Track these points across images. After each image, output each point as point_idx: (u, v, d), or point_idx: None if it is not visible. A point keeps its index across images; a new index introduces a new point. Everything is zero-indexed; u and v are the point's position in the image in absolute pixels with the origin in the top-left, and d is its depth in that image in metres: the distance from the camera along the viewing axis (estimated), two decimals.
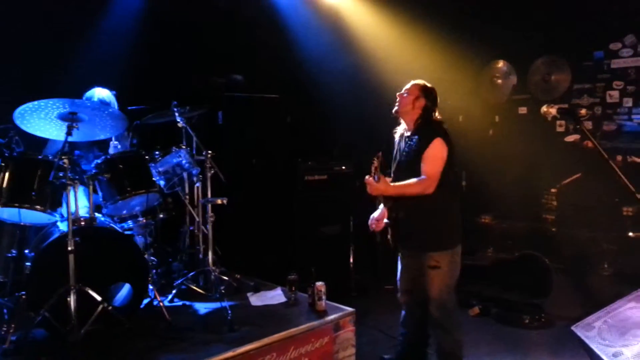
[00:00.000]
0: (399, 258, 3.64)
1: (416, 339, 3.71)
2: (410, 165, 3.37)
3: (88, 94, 4.00)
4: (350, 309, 3.56)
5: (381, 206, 3.59)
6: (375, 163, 3.30)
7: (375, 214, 3.62)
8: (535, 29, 5.95)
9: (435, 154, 3.30)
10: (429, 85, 3.53)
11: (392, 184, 3.36)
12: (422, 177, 3.29)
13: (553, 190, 5.56)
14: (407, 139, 3.48)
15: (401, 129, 3.61)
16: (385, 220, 3.51)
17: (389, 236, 3.54)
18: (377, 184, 3.30)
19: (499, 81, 6.35)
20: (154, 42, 4.97)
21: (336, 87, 5.88)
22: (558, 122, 6.00)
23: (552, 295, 4.75)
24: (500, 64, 6.36)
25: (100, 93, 4.03)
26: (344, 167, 5.58)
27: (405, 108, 3.48)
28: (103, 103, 3.96)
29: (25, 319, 3.11)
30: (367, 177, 3.35)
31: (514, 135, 6.17)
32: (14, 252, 3.42)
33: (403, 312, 3.71)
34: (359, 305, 3.82)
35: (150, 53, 4.94)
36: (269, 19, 5.65)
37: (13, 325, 3.07)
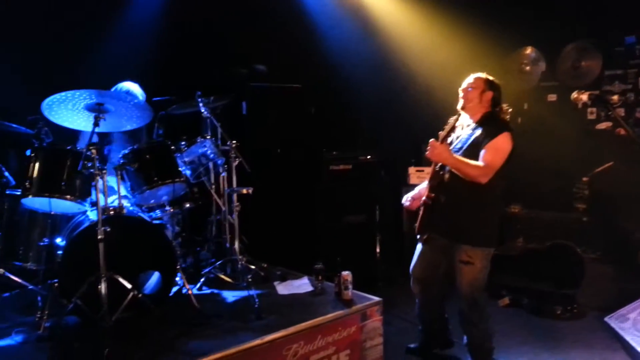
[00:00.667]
0: (418, 244, 3.57)
1: (436, 326, 3.72)
2: (469, 153, 3.28)
3: (118, 86, 4.04)
4: (377, 298, 3.54)
5: (423, 184, 3.51)
6: (451, 124, 3.25)
7: (414, 192, 3.56)
8: (565, 13, 5.79)
9: (500, 146, 3.22)
10: (492, 78, 3.44)
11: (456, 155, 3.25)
12: (481, 163, 3.20)
13: (585, 179, 5.43)
14: (470, 130, 3.37)
15: (463, 122, 3.50)
16: (423, 198, 3.43)
17: (419, 218, 3.46)
18: (440, 147, 3.23)
19: (528, 68, 6.19)
20: (178, 33, 5.00)
21: (360, 76, 5.84)
22: (589, 110, 5.83)
23: (584, 285, 4.66)
24: (529, 50, 6.20)
25: (131, 86, 4.08)
26: (369, 157, 5.53)
27: (472, 103, 3.38)
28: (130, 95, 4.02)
29: (58, 306, 3.19)
30: (432, 140, 3.27)
31: (543, 123, 6.02)
32: (46, 240, 3.49)
33: (417, 303, 3.69)
34: (386, 294, 3.80)
35: (174, 44, 4.97)
36: (292, 8, 5.63)
37: (46, 312, 3.14)
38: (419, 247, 3.58)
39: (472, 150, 3.27)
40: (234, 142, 3.99)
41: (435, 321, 3.72)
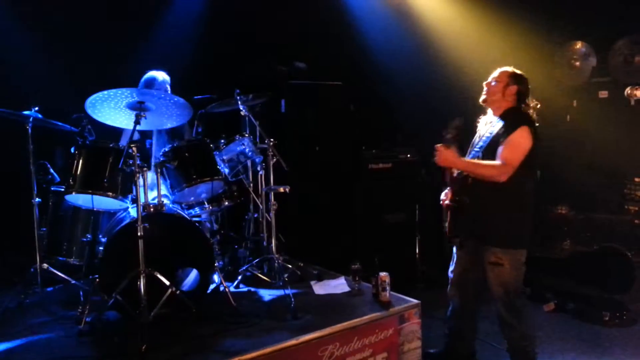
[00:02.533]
0: (453, 248, 3.50)
1: (464, 332, 3.61)
2: (489, 150, 3.17)
3: (149, 75, 4.08)
4: (415, 301, 3.47)
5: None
6: (453, 130, 3.16)
7: (447, 190, 3.48)
8: (616, 6, 5.53)
9: (519, 141, 3.09)
10: (518, 72, 3.32)
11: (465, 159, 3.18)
12: (498, 161, 3.10)
13: (637, 179, 5.21)
14: (491, 126, 3.27)
15: (486, 119, 3.41)
16: (447, 202, 3.36)
17: (446, 223, 3.38)
18: (446, 152, 3.16)
19: (577, 63, 5.95)
20: (219, 32, 5.05)
21: (400, 73, 5.75)
22: None
23: (634, 291, 4.47)
24: (579, 45, 5.96)
25: (162, 75, 4.13)
26: (409, 155, 5.44)
27: (495, 97, 3.29)
28: (168, 84, 4.07)
29: (99, 301, 3.24)
30: (438, 145, 3.20)
31: (593, 120, 5.78)
32: (88, 236, 3.58)
33: (450, 306, 3.59)
34: (426, 297, 3.71)
35: (214, 42, 5.02)
36: (333, 5, 5.59)
37: (88, 307, 3.21)
38: (454, 251, 3.51)
39: (493, 146, 3.17)
40: (272, 140, 3.98)
41: (464, 328, 3.60)
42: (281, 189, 3.97)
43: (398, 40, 5.82)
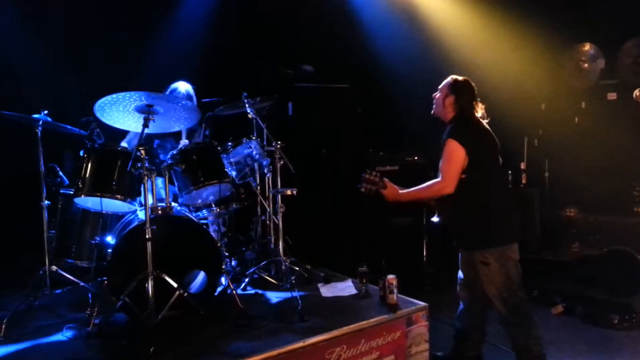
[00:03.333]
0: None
1: (472, 334, 3.61)
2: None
3: (173, 86, 4.15)
4: (423, 304, 3.45)
5: None
6: (370, 177, 3.35)
7: None
8: (625, 8, 5.50)
9: (449, 153, 3.25)
10: (460, 79, 3.43)
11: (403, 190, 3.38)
12: (437, 178, 3.28)
13: None
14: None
15: None
16: (434, 219, 3.51)
17: None
18: (386, 192, 3.36)
19: (586, 65, 5.93)
20: (226, 36, 5.06)
21: (407, 76, 5.74)
22: None
23: None
24: (587, 46, 5.93)
25: (184, 86, 4.19)
26: (416, 158, 5.44)
27: (438, 109, 3.46)
28: (189, 95, 4.11)
29: (108, 303, 3.25)
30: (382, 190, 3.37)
31: (602, 122, 5.75)
32: (97, 239, 3.60)
33: (460, 306, 3.62)
34: (433, 299, 3.70)
35: (222, 46, 5.04)
36: (340, 8, 5.60)
37: (96, 309, 3.22)
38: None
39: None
40: (279, 142, 3.99)
41: (472, 330, 3.60)
42: (288, 192, 3.98)
43: (405, 43, 5.82)
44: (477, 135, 3.32)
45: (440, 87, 3.47)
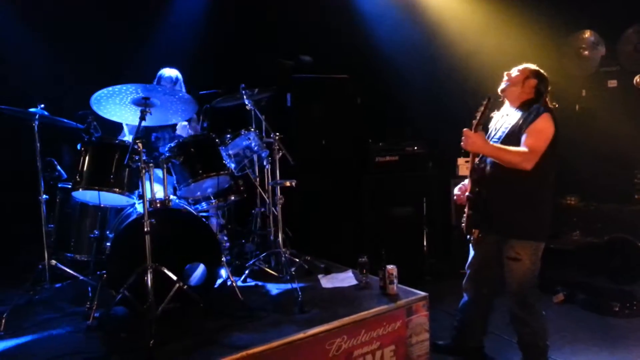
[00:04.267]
0: (470, 243, 3.45)
1: (475, 326, 3.59)
2: (508, 141, 3.12)
3: (159, 73, 4.14)
4: (423, 293, 3.45)
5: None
6: (482, 109, 3.06)
7: (462, 184, 3.44)
8: None
9: (542, 128, 3.05)
10: (542, 71, 3.30)
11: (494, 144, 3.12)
12: (524, 148, 3.04)
13: None
14: (508, 117, 3.23)
15: (502, 112, 3.37)
16: (467, 194, 3.29)
17: (464, 215, 3.34)
18: (474, 136, 3.08)
19: (586, 52, 5.88)
20: (223, 26, 5.03)
21: (407, 66, 5.71)
22: None
23: None
24: (587, 34, 5.88)
25: (170, 72, 4.16)
26: (416, 148, 5.42)
27: (514, 87, 3.25)
28: (173, 81, 4.09)
29: (107, 296, 3.25)
30: (465, 129, 3.13)
31: (602, 110, 5.71)
32: (96, 232, 3.60)
33: (465, 298, 3.57)
34: (433, 289, 3.69)
35: (219, 37, 5.01)
36: None
37: (96, 303, 3.22)
38: (472, 246, 3.45)
39: (512, 137, 3.13)
40: (277, 134, 3.97)
41: (474, 323, 3.58)
42: (287, 183, 3.96)
43: (404, 32, 5.78)
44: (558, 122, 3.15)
45: (518, 68, 3.30)
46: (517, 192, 3.14)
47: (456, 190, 3.46)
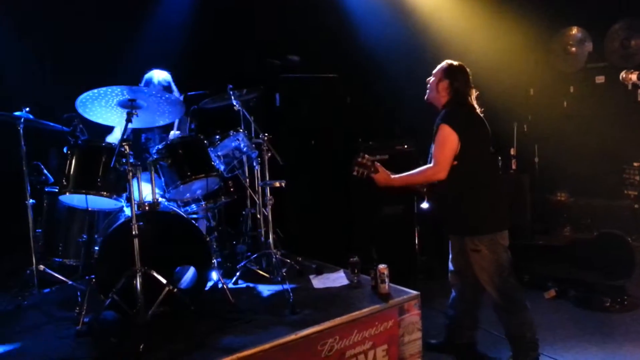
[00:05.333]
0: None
1: (464, 321, 3.63)
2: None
3: (147, 76, 4.07)
4: (414, 292, 3.44)
5: None
6: (362, 161, 3.30)
7: None
8: None
9: (443, 139, 3.23)
10: (455, 63, 3.40)
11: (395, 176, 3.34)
12: (429, 164, 3.27)
13: (636, 164, 5.19)
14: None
15: None
16: (424, 205, 3.48)
17: None
18: (378, 176, 3.32)
19: (573, 49, 5.92)
20: (210, 26, 5.00)
21: (396, 64, 5.71)
22: (639, 91, 5.52)
23: (634, 276, 4.43)
24: (574, 30, 5.92)
25: (160, 75, 4.10)
26: (406, 146, 5.40)
27: (431, 93, 3.43)
28: (163, 86, 4.05)
29: (96, 301, 3.22)
30: (373, 174, 3.34)
31: (591, 106, 5.76)
32: (84, 236, 3.56)
33: (453, 294, 3.64)
34: (426, 287, 3.71)
35: (206, 38, 4.98)
36: None
37: (85, 308, 3.19)
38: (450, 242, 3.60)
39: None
40: (266, 134, 3.96)
41: (464, 317, 3.61)
42: (277, 184, 3.94)
43: (394, 30, 5.78)
44: (470, 122, 3.30)
45: (434, 71, 3.44)
46: (453, 196, 3.32)
47: None
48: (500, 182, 3.61)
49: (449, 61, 3.42)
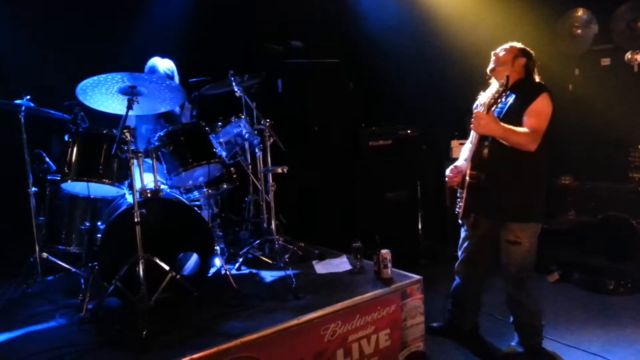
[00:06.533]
0: (463, 226, 3.44)
1: (467, 307, 3.62)
2: (505, 122, 3.05)
3: (150, 63, 4.05)
4: (417, 277, 3.44)
5: (463, 154, 3.38)
6: (501, 90, 2.97)
7: (455, 165, 3.39)
8: None
9: (542, 108, 3.04)
10: (527, 48, 3.27)
11: (502, 124, 3.02)
12: (527, 129, 3.01)
13: None
14: (500, 99, 3.10)
15: (489, 93, 3.28)
16: (466, 179, 3.23)
17: (459, 199, 3.32)
18: (487, 117, 3.01)
19: (579, 31, 5.82)
20: (211, 12, 4.95)
21: (399, 49, 5.66)
22: None
23: (639, 259, 4.42)
24: (580, 12, 5.82)
25: (164, 64, 4.08)
26: (409, 131, 5.39)
27: (504, 66, 3.20)
28: (168, 75, 4.03)
29: (100, 288, 3.23)
30: (477, 110, 3.11)
31: (596, 88, 5.68)
32: (87, 224, 3.56)
33: (457, 281, 3.59)
34: (429, 272, 3.71)
35: (208, 23, 4.94)
36: None
37: (88, 295, 3.21)
38: (465, 230, 3.44)
39: (509, 118, 3.09)
40: (268, 120, 3.93)
41: (467, 304, 3.60)
42: (279, 170, 3.92)
43: (397, 16, 5.71)
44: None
45: (505, 46, 3.27)
46: (517, 175, 3.12)
47: (448, 172, 3.42)
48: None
49: (520, 44, 3.27)
